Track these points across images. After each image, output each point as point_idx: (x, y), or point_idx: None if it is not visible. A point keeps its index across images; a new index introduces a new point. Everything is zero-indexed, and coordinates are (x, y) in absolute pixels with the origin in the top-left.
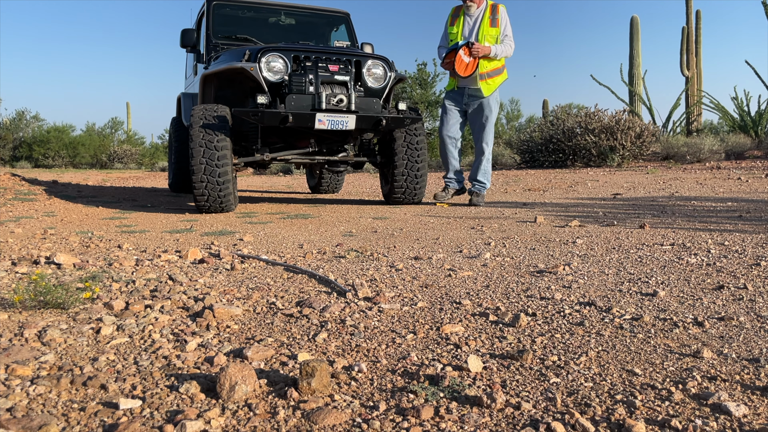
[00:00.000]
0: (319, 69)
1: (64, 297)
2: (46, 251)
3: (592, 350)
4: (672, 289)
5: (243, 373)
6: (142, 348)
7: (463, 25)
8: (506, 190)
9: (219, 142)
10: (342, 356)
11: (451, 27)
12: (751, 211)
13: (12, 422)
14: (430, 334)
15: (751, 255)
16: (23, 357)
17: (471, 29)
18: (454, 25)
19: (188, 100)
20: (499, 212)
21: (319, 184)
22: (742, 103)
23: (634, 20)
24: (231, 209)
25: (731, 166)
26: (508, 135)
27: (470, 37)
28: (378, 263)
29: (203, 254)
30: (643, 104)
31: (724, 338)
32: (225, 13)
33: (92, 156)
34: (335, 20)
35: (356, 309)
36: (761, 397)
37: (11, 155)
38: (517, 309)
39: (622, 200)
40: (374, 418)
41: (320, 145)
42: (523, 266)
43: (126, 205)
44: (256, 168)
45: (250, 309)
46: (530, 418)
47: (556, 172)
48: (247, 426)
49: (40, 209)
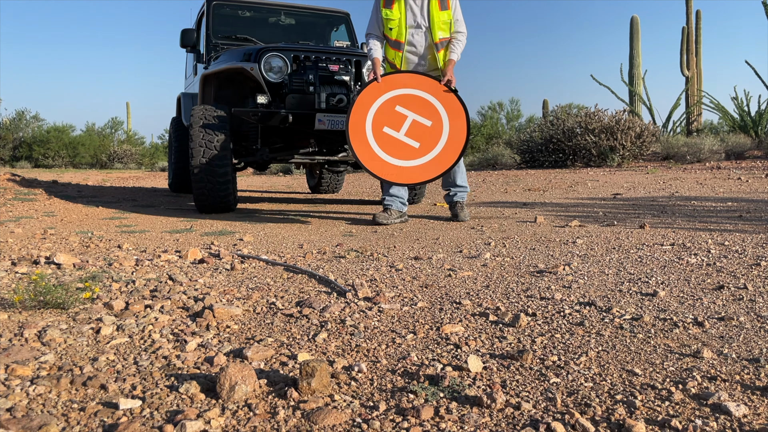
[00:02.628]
0: (319, 69)
1: (64, 297)
2: (46, 251)
3: (592, 350)
4: (672, 289)
5: (243, 373)
6: (142, 348)
7: (406, 8)
8: (506, 190)
9: (219, 142)
10: (342, 356)
11: (387, 9)
12: (751, 211)
13: (12, 422)
14: (430, 334)
15: (751, 255)
16: (23, 357)
17: (417, 14)
18: (392, 6)
19: (188, 100)
20: (499, 212)
21: (319, 184)
22: (742, 103)
23: (634, 20)
24: (231, 209)
25: (731, 166)
26: (508, 135)
27: (417, 22)
28: (378, 263)
29: (203, 254)
30: (643, 104)
31: (724, 338)
32: (225, 13)
33: (92, 156)
34: (335, 20)
35: (356, 309)
36: (761, 397)
37: (11, 155)
38: (517, 309)
39: (622, 200)
40: (374, 418)
41: (320, 145)
42: (523, 266)
43: (126, 205)
44: (256, 168)
45: (250, 309)
46: (530, 418)
47: (556, 172)
48: (247, 426)
49: (40, 209)
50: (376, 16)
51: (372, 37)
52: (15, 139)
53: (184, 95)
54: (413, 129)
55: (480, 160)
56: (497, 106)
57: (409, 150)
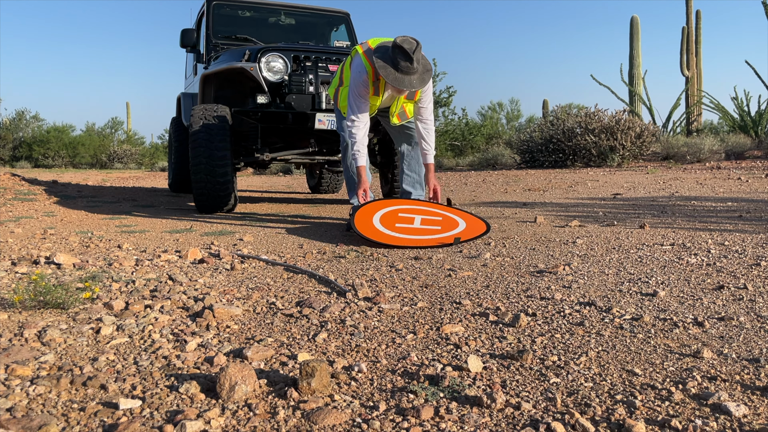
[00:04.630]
0: (319, 69)
1: (64, 297)
2: (46, 251)
3: (592, 350)
4: (672, 289)
5: (243, 373)
6: (142, 348)
7: (384, 94)
8: (506, 190)
9: (219, 142)
10: (342, 356)
11: (375, 97)
12: (751, 211)
13: (12, 422)
14: (430, 334)
15: (751, 255)
16: (23, 357)
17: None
18: (378, 94)
19: (188, 100)
20: (499, 212)
21: (319, 184)
22: (742, 103)
23: (634, 20)
24: (231, 209)
25: (731, 166)
26: (508, 135)
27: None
28: (378, 263)
29: (203, 254)
30: (643, 104)
31: (724, 338)
32: (225, 13)
33: (92, 156)
34: (335, 20)
35: (356, 309)
36: (761, 397)
37: (11, 155)
38: (517, 309)
39: (622, 200)
40: (374, 418)
41: (320, 145)
42: (523, 266)
43: (126, 205)
44: (256, 168)
45: (250, 309)
46: (530, 418)
47: (556, 172)
48: (247, 426)
49: (40, 209)
50: (358, 96)
51: (358, 125)
52: (15, 139)
53: (184, 95)
54: (426, 222)
55: (480, 160)
56: (497, 106)
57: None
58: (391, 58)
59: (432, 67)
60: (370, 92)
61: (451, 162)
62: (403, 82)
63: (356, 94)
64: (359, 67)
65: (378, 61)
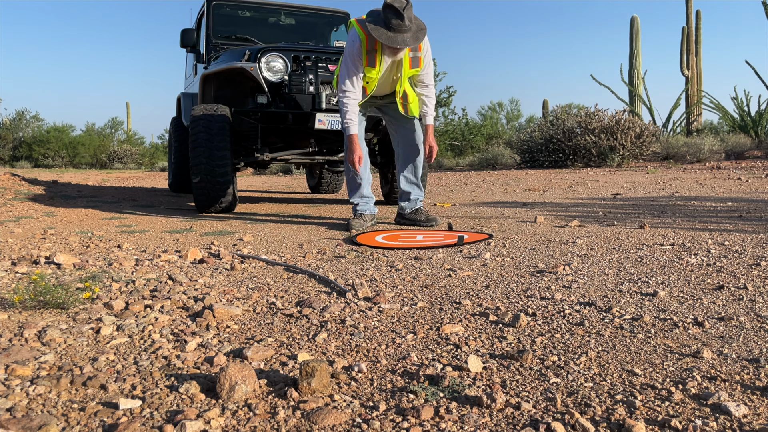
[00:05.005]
0: (319, 69)
1: (64, 297)
2: (45, 251)
3: (592, 350)
4: (672, 289)
5: (243, 373)
6: (142, 348)
7: (384, 66)
8: (506, 190)
9: (219, 142)
10: (342, 356)
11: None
12: (751, 211)
13: (12, 422)
14: (430, 334)
15: (751, 255)
16: (23, 357)
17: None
18: (374, 65)
19: (188, 100)
20: (499, 212)
21: (319, 184)
22: (742, 103)
23: (634, 20)
24: (231, 209)
25: (731, 166)
26: (508, 135)
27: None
28: (378, 263)
29: (203, 254)
30: (643, 104)
31: (724, 338)
32: (225, 13)
33: (92, 156)
34: (335, 20)
35: (356, 309)
36: (761, 397)
37: (11, 155)
38: (517, 309)
39: (622, 200)
40: (374, 418)
41: (320, 145)
42: (523, 266)
43: (126, 205)
44: (256, 168)
45: (250, 309)
46: (530, 418)
47: (556, 172)
48: (247, 426)
49: (40, 209)
50: (352, 63)
51: (349, 95)
52: (15, 139)
53: (184, 95)
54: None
55: (480, 160)
56: (497, 106)
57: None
58: (383, 19)
59: (426, 26)
60: (365, 62)
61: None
62: (395, 40)
63: (349, 63)
64: (352, 36)
65: (370, 25)
